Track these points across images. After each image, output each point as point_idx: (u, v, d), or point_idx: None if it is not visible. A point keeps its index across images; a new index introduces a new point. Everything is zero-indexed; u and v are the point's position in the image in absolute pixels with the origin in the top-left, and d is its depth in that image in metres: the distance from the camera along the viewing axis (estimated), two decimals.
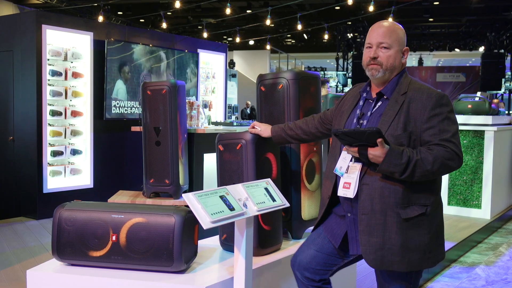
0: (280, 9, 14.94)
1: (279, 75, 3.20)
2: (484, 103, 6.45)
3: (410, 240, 2.12)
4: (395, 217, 2.12)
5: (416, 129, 2.13)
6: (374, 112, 2.25)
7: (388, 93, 2.24)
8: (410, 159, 2.04)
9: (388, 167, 2.06)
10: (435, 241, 2.19)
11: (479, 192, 6.25)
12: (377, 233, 2.14)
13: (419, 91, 2.19)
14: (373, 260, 2.16)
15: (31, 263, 4.35)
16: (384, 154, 2.05)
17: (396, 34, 2.24)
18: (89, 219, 2.54)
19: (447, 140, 2.09)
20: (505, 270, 4.77)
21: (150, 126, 4.57)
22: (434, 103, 2.13)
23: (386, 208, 2.12)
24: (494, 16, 17.85)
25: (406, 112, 2.14)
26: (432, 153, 2.07)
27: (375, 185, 2.14)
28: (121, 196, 4.80)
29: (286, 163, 3.19)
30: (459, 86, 23.94)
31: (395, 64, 2.24)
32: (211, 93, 8.82)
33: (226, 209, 2.21)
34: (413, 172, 2.05)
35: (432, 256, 2.18)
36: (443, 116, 2.12)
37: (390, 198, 2.12)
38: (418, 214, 2.12)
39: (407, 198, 2.12)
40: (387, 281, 2.25)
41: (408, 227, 2.12)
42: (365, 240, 2.17)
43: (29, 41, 6.30)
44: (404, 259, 2.13)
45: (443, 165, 2.08)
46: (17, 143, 6.52)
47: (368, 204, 2.15)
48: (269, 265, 2.78)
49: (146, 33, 8.10)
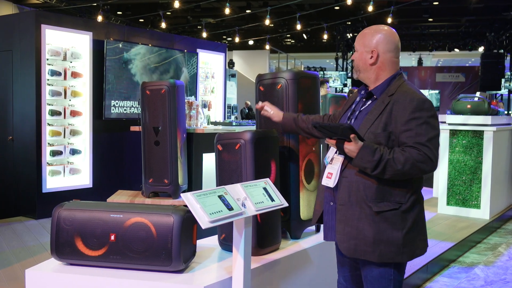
0: (279, 9, 14.94)
1: (278, 75, 3.20)
2: (483, 103, 6.45)
3: (383, 233, 2.22)
4: (368, 210, 2.22)
5: (395, 130, 2.21)
6: (363, 110, 2.36)
7: (378, 93, 2.34)
8: (382, 157, 2.14)
9: (360, 162, 2.17)
10: (412, 237, 2.26)
11: (478, 192, 6.26)
12: (352, 224, 2.26)
13: (404, 94, 2.26)
14: (347, 248, 2.29)
15: (30, 263, 4.35)
16: (358, 150, 2.16)
17: (365, 38, 2.36)
18: (87, 218, 2.54)
19: (421, 143, 2.16)
20: (504, 270, 4.77)
21: (149, 126, 4.57)
22: (414, 107, 2.20)
23: (361, 201, 2.24)
24: (494, 16, 17.85)
25: (389, 112, 2.23)
26: (405, 154, 2.15)
27: (352, 179, 2.26)
28: (120, 195, 4.80)
29: (285, 163, 3.20)
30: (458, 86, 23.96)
31: (362, 65, 2.37)
32: (210, 93, 8.82)
33: (225, 209, 2.22)
34: (384, 170, 2.15)
35: (408, 251, 2.25)
36: (421, 121, 2.18)
37: (365, 192, 2.23)
38: (390, 209, 2.21)
39: (381, 194, 2.22)
40: (368, 269, 2.32)
41: (381, 221, 2.21)
42: (341, 228, 2.30)
43: (28, 41, 6.30)
44: (376, 250, 2.23)
45: (414, 167, 2.15)
46: (16, 142, 6.52)
47: (345, 196, 2.27)
48: (267, 264, 2.78)
49: (146, 33, 8.10)
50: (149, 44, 7.49)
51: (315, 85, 3.37)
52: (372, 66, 2.34)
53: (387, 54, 2.34)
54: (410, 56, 26.06)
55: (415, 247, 2.29)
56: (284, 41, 24.44)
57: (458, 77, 24.39)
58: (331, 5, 14.69)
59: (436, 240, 5.14)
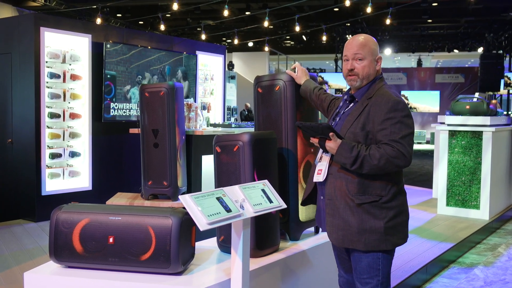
0: (279, 11, 14.94)
1: (276, 77, 3.20)
2: (482, 104, 6.46)
3: (366, 223, 2.40)
4: (351, 202, 2.42)
5: (372, 129, 2.41)
6: (345, 112, 2.57)
7: (359, 96, 2.53)
8: (359, 153, 2.34)
9: (340, 159, 2.38)
10: (393, 226, 2.43)
11: (478, 192, 6.26)
12: (338, 216, 2.45)
13: (381, 96, 2.44)
14: (336, 239, 2.49)
15: (29, 266, 4.35)
16: (337, 147, 2.38)
17: (369, 46, 2.52)
18: (86, 221, 2.54)
19: (395, 140, 2.35)
20: (503, 270, 4.77)
21: (148, 128, 4.57)
22: (389, 107, 2.39)
23: (345, 195, 2.43)
24: (493, 17, 17.85)
25: (366, 114, 2.43)
26: (380, 150, 2.34)
27: (336, 175, 2.46)
28: (119, 198, 4.80)
29: (283, 164, 3.20)
30: (458, 87, 23.96)
31: (370, 72, 2.52)
32: (210, 95, 8.82)
33: (223, 211, 2.22)
34: (361, 165, 2.34)
35: (390, 238, 2.42)
36: (395, 120, 2.37)
37: (348, 186, 2.42)
38: (371, 201, 2.40)
39: (362, 187, 2.41)
40: (357, 259, 2.49)
41: (363, 212, 2.40)
42: (330, 221, 2.50)
43: (28, 43, 6.30)
44: (361, 239, 2.41)
45: (388, 162, 2.33)
46: (15, 145, 6.52)
47: (332, 191, 2.47)
48: (266, 266, 2.78)
49: (145, 35, 8.11)
50: (148, 46, 7.49)
51: None
52: (374, 73, 2.54)
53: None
54: (409, 57, 26.05)
55: (397, 237, 2.46)
56: (283, 43, 24.45)
57: (458, 77, 24.39)
58: (330, 7, 14.70)
59: (436, 241, 5.13)
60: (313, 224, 3.39)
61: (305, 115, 3.24)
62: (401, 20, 18.40)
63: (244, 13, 15.29)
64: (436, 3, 15.48)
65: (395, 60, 28.30)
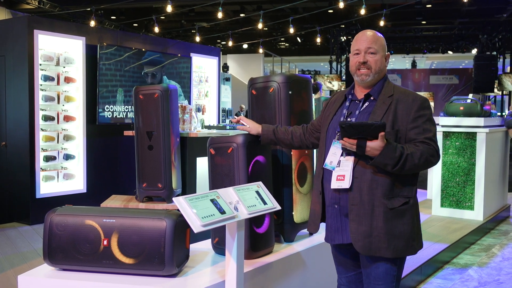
0: (273, 13, 14.96)
1: (270, 79, 3.21)
2: (476, 105, 6.49)
3: (395, 228, 2.30)
4: (381, 207, 2.30)
5: (402, 128, 2.33)
6: (362, 111, 2.43)
7: (376, 94, 2.43)
8: (402, 153, 2.24)
9: (384, 160, 2.23)
10: (416, 230, 2.38)
11: (472, 193, 6.28)
12: (365, 222, 2.31)
13: (404, 94, 2.40)
14: (362, 247, 2.32)
15: (23, 269, 4.34)
16: (382, 148, 2.22)
17: (380, 41, 2.46)
18: (80, 223, 2.54)
19: (430, 138, 2.32)
20: (497, 271, 4.79)
21: (142, 131, 4.57)
22: (419, 105, 2.35)
23: (374, 199, 2.30)
24: (486, 18, 17.94)
25: (393, 112, 2.34)
26: (419, 149, 2.28)
27: (364, 178, 2.31)
28: (114, 200, 4.79)
29: (277, 166, 3.20)
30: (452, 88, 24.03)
31: (381, 68, 2.44)
32: (204, 97, 8.82)
33: (217, 213, 2.22)
34: (403, 165, 2.25)
35: (415, 244, 2.36)
36: (426, 118, 2.35)
37: (378, 190, 2.30)
38: (402, 204, 2.31)
39: (392, 190, 2.31)
40: (373, 266, 2.38)
41: (393, 217, 2.30)
42: (355, 228, 2.33)
43: (21, 46, 6.29)
44: (390, 245, 2.30)
45: (426, 160, 2.29)
46: (9, 148, 6.50)
47: (357, 196, 2.32)
48: (261, 268, 2.79)
49: (139, 37, 8.10)
50: (143, 49, 7.49)
51: (307, 88, 3.38)
52: (384, 70, 2.47)
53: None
54: (404, 58, 26.14)
55: (419, 241, 2.41)
56: (278, 45, 24.49)
57: (452, 79, 24.46)
58: (325, 9, 14.73)
59: (430, 241, 5.15)
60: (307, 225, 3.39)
61: (299, 116, 3.25)
62: (395, 22, 18.47)
63: (238, 15, 15.31)
64: (430, 5, 15.56)
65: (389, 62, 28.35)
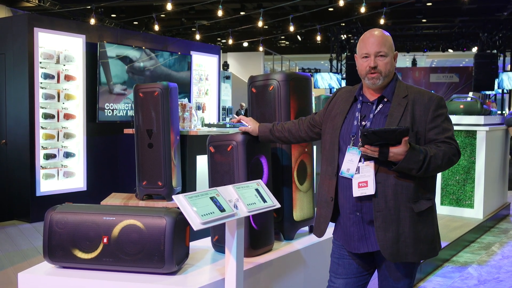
0: (274, 11, 14.95)
1: (269, 77, 3.21)
2: (476, 103, 6.48)
3: (420, 232, 2.27)
4: (408, 211, 2.25)
5: (420, 129, 2.29)
6: (377, 113, 2.35)
7: (389, 96, 2.36)
8: (426, 155, 2.20)
9: (408, 164, 2.17)
10: (437, 232, 2.38)
11: (472, 191, 6.28)
12: (392, 228, 2.25)
13: (419, 93, 2.35)
14: (390, 254, 2.26)
15: (23, 266, 4.34)
16: (405, 152, 2.16)
17: (389, 42, 2.37)
18: (80, 221, 2.54)
19: (450, 137, 2.29)
20: (497, 269, 4.79)
21: (142, 129, 4.57)
22: (436, 105, 2.31)
23: (399, 204, 2.24)
24: (487, 16, 17.92)
25: (411, 113, 2.29)
26: (441, 149, 2.24)
27: (388, 183, 2.25)
28: (114, 198, 4.80)
29: (277, 164, 3.20)
30: (452, 86, 24.02)
31: (391, 70, 2.38)
32: (205, 95, 8.82)
33: (217, 210, 2.22)
34: (427, 168, 2.20)
35: (437, 245, 2.36)
36: (444, 117, 2.32)
37: (403, 194, 2.24)
38: (427, 207, 2.28)
39: (417, 193, 2.26)
40: (393, 270, 2.35)
41: (419, 220, 2.27)
42: (382, 235, 2.26)
43: (21, 44, 6.29)
44: (417, 250, 2.27)
45: (449, 160, 2.26)
46: (9, 146, 6.51)
47: (382, 202, 2.25)
48: (260, 265, 2.79)
49: (139, 35, 8.10)
50: (143, 47, 7.49)
51: (307, 86, 3.38)
52: (393, 70, 2.42)
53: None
54: (404, 57, 26.12)
55: (439, 241, 2.39)
56: (278, 43, 24.47)
57: (452, 77, 24.45)
58: (325, 7, 14.72)
59: None
60: (307, 223, 3.40)
61: (299, 114, 3.24)
62: (395, 20, 18.45)
63: (238, 13, 15.30)
64: (430, 3, 15.53)
65: None
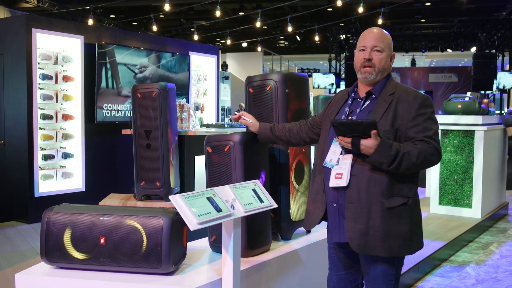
0: (272, 11, 14.96)
1: (267, 77, 3.21)
2: (474, 103, 6.49)
3: (392, 227, 2.28)
4: (379, 205, 2.27)
5: (402, 126, 2.31)
6: (363, 109, 2.41)
7: (377, 92, 2.41)
8: (398, 151, 2.22)
9: (378, 158, 2.22)
10: (415, 230, 2.35)
11: (470, 191, 6.29)
12: (362, 220, 2.29)
13: (406, 92, 2.37)
14: (358, 245, 2.31)
15: (22, 267, 4.34)
16: (376, 146, 2.21)
17: (387, 40, 2.43)
18: (77, 222, 2.54)
19: (430, 137, 2.28)
20: (495, 268, 4.80)
21: (140, 129, 4.58)
22: (420, 103, 2.32)
23: (372, 198, 2.27)
24: (485, 16, 17.94)
25: (394, 110, 2.32)
26: (417, 147, 2.25)
27: (362, 176, 2.29)
28: (112, 199, 4.80)
29: (274, 164, 3.21)
30: (451, 86, 24.03)
31: (385, 67, 2.42)
32: (203, 96, 8.82)
33: (213, 211, 2.22)
34: (399, 164, 2.22)
35: (412, 244, 2.34)
36: (427, 116, 2.32)
37: (376, 188, 2.27)
38: (400, 204, 2.28)
39: (391, 189, 2.28)
40: (371, 265, 2.39)
41: (391, 216, 2.27)
42: (351, 226, 2.31)
43: (19, 45, 6.29)
44: (386, 245, 2.28)
45: (425, 159, 2.26)
46: (8, 147, 6.51)
47: (355, 194, 2.29)
48: (258, 266, 2.79)
49: (137, 36, 8.11)
50: (141, 47, 7.49)
51: (304, 86, 3.38)
52: (388, 69, 2.45)
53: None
54: (403, 57, 26.11)
55: (418, 241, 2.38)
56: (277, 43, 24.47)
57: (451, 77, 24.45)
58: (324, 7, 14.73)
59: (428, 239, 5.15)
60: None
61: (296, 114, 3.25)
62: (394, 20, 18.47)
63: (237, 14, 15.30)
64: (429, 3, 15.55)
65: None
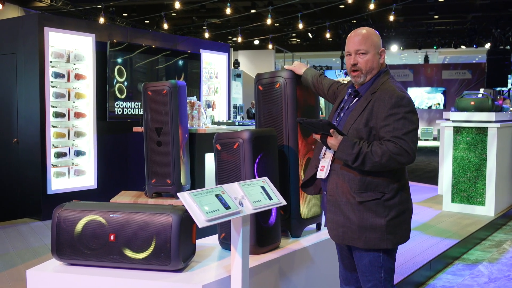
0: (284, 8, 14.92)
1: (276, 74, 3.21)
2: (487, 100, 6.43)
3: (366, 220, 2.38)
4: (352, 199, 2.39)
5: (376, 125, 2.37)
6: (350, 107, 2.52)
7: (363, 91, 2.49)
8: (361, 150, 2.30)
9: (342, 155, 2.35)
10: (394, 224, 2.39)
11: (483, 189, 6.23)
12: (339, 212, 2.44)
13: (385, 91, 2.40)
14: (336, 236, 2.49)
15: (34, 263, 4.37)
16: (338, 143, 2.35)
17: (371, 39, 2.46)
18: (87, 219, 2.56)
19: (398, 137, 2.31)
20: (508, 267, 4.75)
21: (151, 127, 4.59)
22: (393, 103, 2.35)
23: (346, 192, 2.41)
24: (500, 12, 17.73)
25: (370, 109, 2.39)
26: (382, 147, 2.30)
27: (339, 172, 2.44)
28: (124, 196, 4.83)
29: (284, 161, 3.20)
30: (465, 83, 23.83)
31: (373, 66, 2.47)
32: (214, 93, 8.84)
33: (222, 208, 2.23)
34: (363, 162, 2.31)
35: (391, 237, 2.39)
36: (399, 116, 2.33)
37: (349, 183, 2.40)
38: (373, 199, 2.36)
39: (364, 185, 2.37)
40: (358, 258, 2.48)
41: (365, 210, 2.38)
42: (330, 217, 2.49)
43: (32, 43, 6.34)
44: (361, 236, 2.39)
45: (391, 159, 2.30)
46: (21, 145, 6.57)
47: (333, 187, 2.46)
48: (267, 263, 2.79)
49: (149, 34, 8.13)
50: (152, 45, 7.51)
51: None
52: (378, 67, 2.49)
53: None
54: (416, 53, 25.91)
55: (399, 234, 2.42)
56: (289, 40, 24.39)
57: (465, 74, 24.24)
58: (336, 3, 14.66)
59: (440, 237, 5.12)
60: (314, 221, 3.39)
61: (306, 111, 3.24)
62: (407, 17, 18.32)
63: (249, 11, 15.29)
64: None
65: (401, 57, 28.17)
